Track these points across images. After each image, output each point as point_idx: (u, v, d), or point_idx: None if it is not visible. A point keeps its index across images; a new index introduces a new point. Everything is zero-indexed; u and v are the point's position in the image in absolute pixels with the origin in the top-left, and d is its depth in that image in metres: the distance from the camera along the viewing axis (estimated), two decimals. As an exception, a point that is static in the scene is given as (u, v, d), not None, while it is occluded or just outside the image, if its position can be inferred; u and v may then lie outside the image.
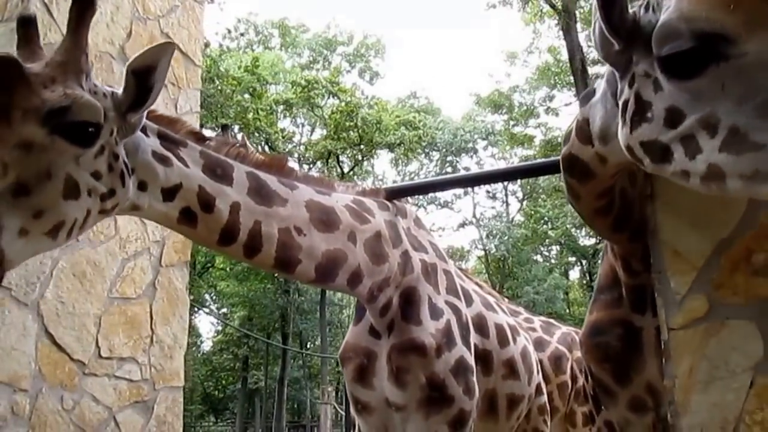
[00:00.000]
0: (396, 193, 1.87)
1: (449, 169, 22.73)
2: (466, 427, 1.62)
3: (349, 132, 20.20)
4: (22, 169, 0.98)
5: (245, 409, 26.00)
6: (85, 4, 1.08)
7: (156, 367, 2.59)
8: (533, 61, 21.30)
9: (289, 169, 1.53)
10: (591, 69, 13.32)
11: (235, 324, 23.20)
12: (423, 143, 21.97)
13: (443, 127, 23.21)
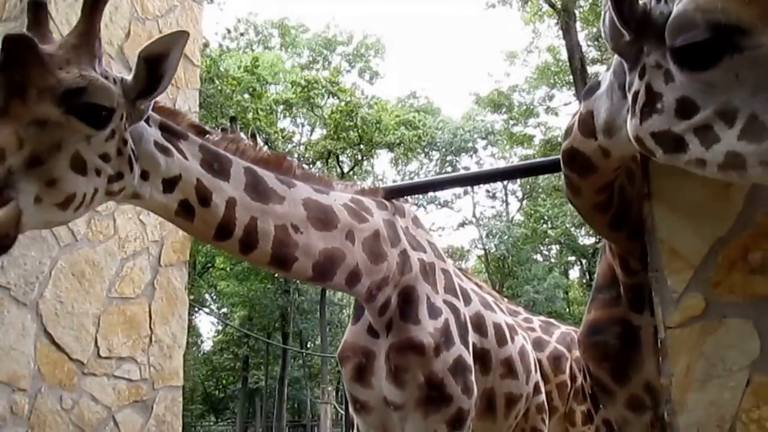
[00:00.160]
0: (395, 193, 1.87)
1: (449, 169, 22.72)
2: (464, 426, 1.62)
3: (349, 132, 20.20)
4: (36, 144, 1.02)
5: (245, 409, 26.02)
6: None
7: (155, 367, 2.59)
8: (533, 61, 21.33)
9: (288, 167, 1.53)
10: (590, 68, 13.32)
11: (235, 324, 23.21)
12: (423, 143, 21.96)
13: (443, 126, 23.21)
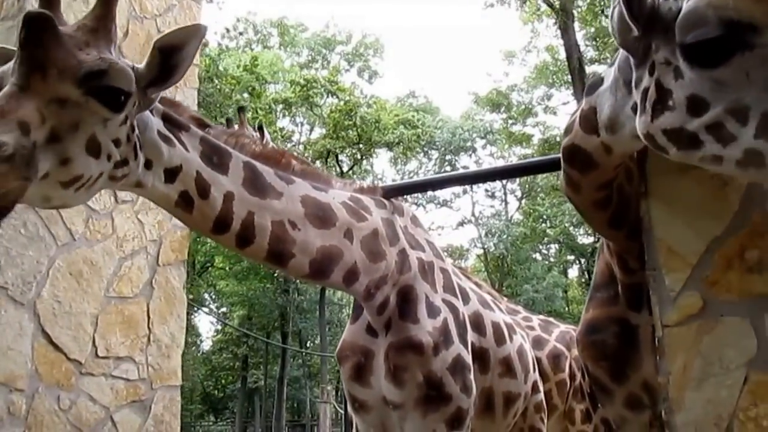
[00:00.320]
0: (394, 192, 1.87)
1: (448, 168, 22.72)
2: (463, 425, 1.62)
3: (348, 131, 20.19)
4: (56, 122, 1.04)
5: (245, 409, 26.02)
6: None
7: (153, 367, 2.59)
8: (531, 60, 21.35)
9: (287, 163, 1.52)
10: (588, 68, 13.34)
11: (234, 323, 23.21)
12: (422, 142, 21.97)
13: (442, 126, 23.21)
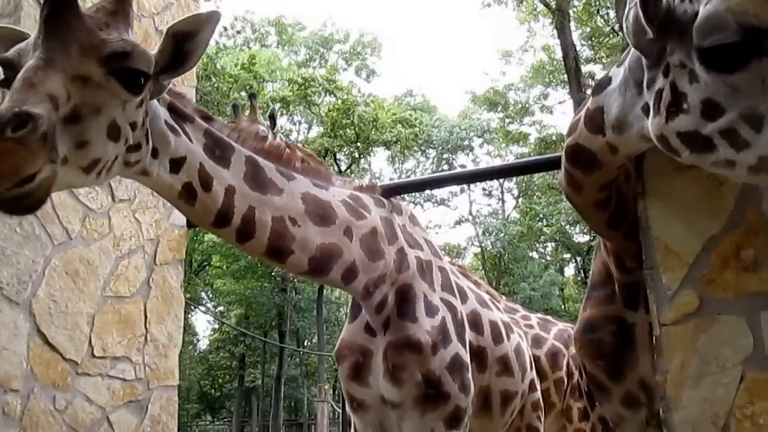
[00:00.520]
0: (392, 191, 1.87)
1: (445, 167, 22.74)
2: (461, 424, 1.62)
3: (346, 130, 20.16)
4: (79, 100, 1.03)
5: (242, 408, 25.97)
6: None
7: (150, 366, 2.58)
8: (528, 60, 21.38)
9: (288, 159, 1.52)
10: (584, 67, 13.37)
11: (231, 322, 23.15)
12: (419, 141, 21.95)
13: (439, 124, 23.21)
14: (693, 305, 1.18)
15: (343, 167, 21.70)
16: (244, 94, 19.05)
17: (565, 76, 14.69)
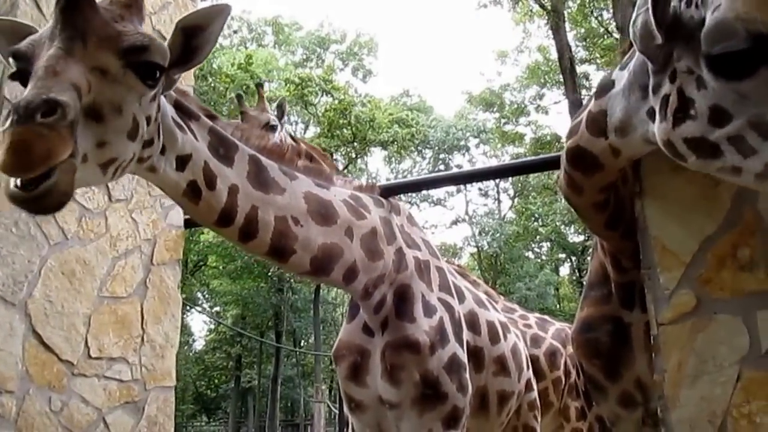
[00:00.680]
0: (390, 191, 1.87)
1: (442, 167, 22.77)
2: (459, 424, 1.62)
3: (343, 130, 20.15)
4: (98, 94, 1.02)
5: (238, 408, 25.88)
6: None
7: (147, 367, 2.57)
8: (523, 60, 21.44)
9: (290, 158, 1.52)
10: (579, 68, 13.42)
11: (228, 322, 23.05)
12: (416, 141, 21.97)
13: (436, 125, 23.24)
14: (690, 305, 1.19)
15: (339, 167, 21.55)
16: (241, 93, 18.99)
17: (561, 76, 14.73)
